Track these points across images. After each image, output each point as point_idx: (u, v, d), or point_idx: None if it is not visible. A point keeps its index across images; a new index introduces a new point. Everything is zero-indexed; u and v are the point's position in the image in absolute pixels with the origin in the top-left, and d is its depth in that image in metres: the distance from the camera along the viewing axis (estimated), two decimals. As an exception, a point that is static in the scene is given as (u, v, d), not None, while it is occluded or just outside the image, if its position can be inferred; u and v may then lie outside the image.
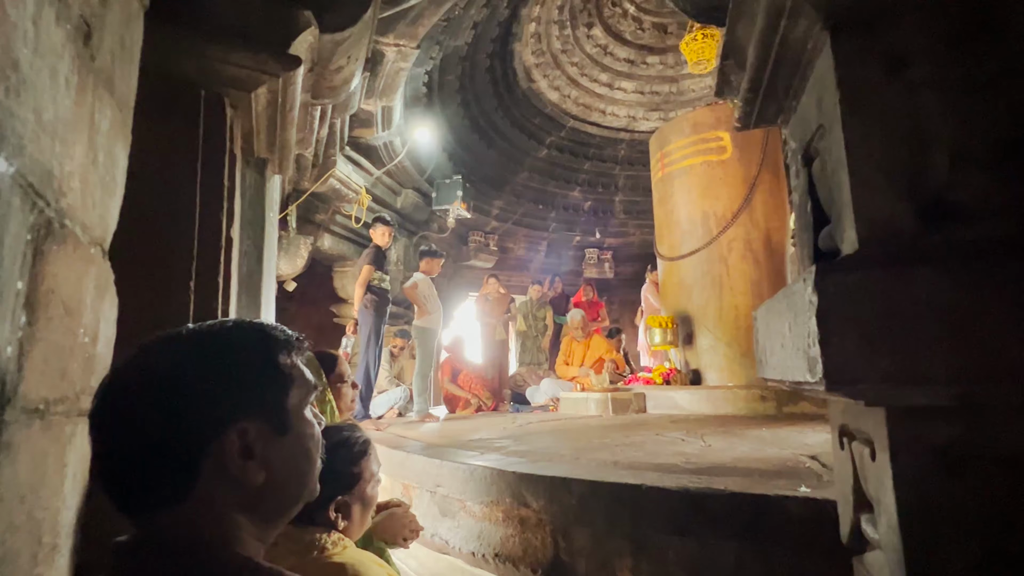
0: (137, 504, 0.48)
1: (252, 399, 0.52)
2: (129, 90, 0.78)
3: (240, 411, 0.50)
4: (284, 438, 0.53)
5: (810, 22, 0.86)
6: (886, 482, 0.74)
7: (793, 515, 1.25)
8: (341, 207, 5.17)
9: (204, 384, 0.49)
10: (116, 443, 0.47)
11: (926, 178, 0.76)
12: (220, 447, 0.49)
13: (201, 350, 0.51)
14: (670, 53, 6.93)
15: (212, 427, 0.49)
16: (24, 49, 0.47)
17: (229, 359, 0.52)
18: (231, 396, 0.50)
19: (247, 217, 1.46)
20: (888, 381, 0.69)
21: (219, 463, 0.49)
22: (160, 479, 0.47)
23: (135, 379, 0.49)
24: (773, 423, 3.01)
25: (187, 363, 0.50)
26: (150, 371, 0.49)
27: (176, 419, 0.48)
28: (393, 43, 3.53)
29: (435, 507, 2.05)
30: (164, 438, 0.47)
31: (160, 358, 0.50)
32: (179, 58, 1.14)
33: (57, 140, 0.55)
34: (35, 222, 0.51)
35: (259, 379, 0.53)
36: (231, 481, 0.49)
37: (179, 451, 0.48)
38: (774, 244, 4.29)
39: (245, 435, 0.50)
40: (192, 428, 0.48)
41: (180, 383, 0.49)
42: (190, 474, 0.48)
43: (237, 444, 0.49)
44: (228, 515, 0.49)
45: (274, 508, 0.54)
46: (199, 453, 0.48)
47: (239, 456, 0.49)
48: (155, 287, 1.03)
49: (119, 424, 0.47)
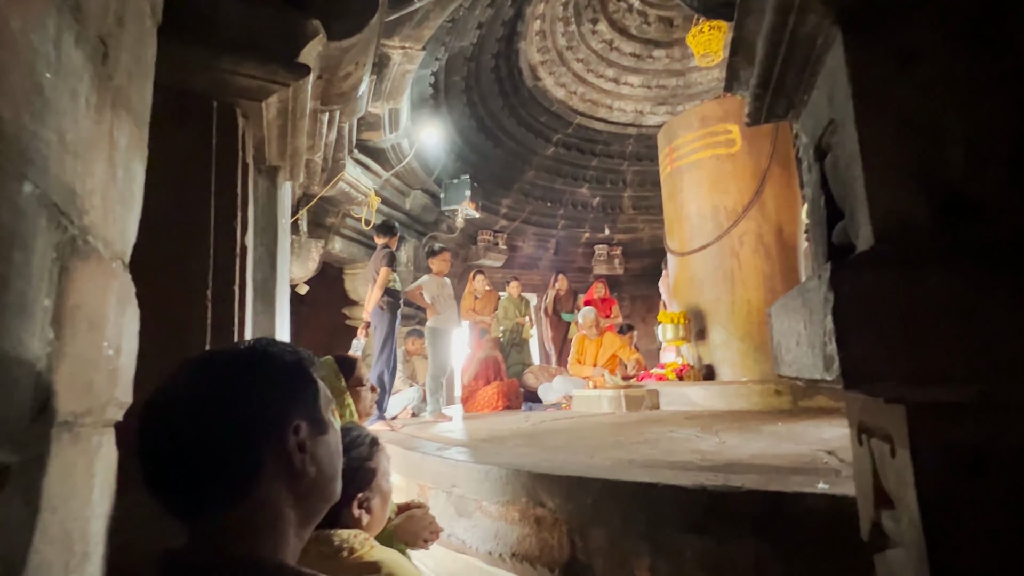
0: (203, 504, 0.51)
1: (298, 400, 0.58)
2: (145, 106, 0.79)
3: (293, 410, 0.56)
4: (323, 437, 0.59)
5: (820, 17, 0.85)
6: (907, 479, 0.74)
7: (812, 512, 1.24)
8: (351, 210, 5.21)
9: (262, 386, 0.55)
10: (183, 446, 0.51)
11: (941, 174, 0.75)
12: (281, 441, 0.54)
13: (251, 359, 0.57)
14: (676, 46, 6.88)
15: (274, 422, 0.54)
16: (46, 73, 0.48)
17: (276, 366, 0.58)
18: (284, 397, 0.56)
19: (260, 224, 1.48)
20: (907, 378, 0.68)
21: (280, 457, 0.54)
22: (230, 476, 0.51)
23: (197, 386, 0.53)
24: (788, 418, 2.98)
25: (243, 370, 0.55)
26: (211, 378, 0.54)
27: (243, 417, 0.52)
28: (399, 46, 3.54)
29: (451, 507, 2.06)
30: (234, 436, 0.52)
31: (216, 368, 0.55)
32: (191, 71, 1.16)
33: (79, 159, 0.56)
34: (60, 240, 0.53)
35: (301, 383, 0.59)
36: (288, 476, 0.54)
37: (248, 447, 0.52)
38: (786, 237, 4.24)
39: (299, 431, 0.56)
40: (258, 424, 0.53)
41: (242, 386, 0.54)
42: (257, 469, 0.52)
43: (294, 439, 0.55)
44: (283, 511, 0.54)
45: (316, 504, 0.59)
46: (265, 448, 0.53)
47: (297, 449, 0.55)
48: (173, 297, 1.04)
49: (186, 428, 0.51)
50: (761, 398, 3.55)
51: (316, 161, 2.59)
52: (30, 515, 0.48)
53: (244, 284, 1.20)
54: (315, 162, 2.70)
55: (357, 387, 1.66)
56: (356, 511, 1.02)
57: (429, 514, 1.49)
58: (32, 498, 0.49)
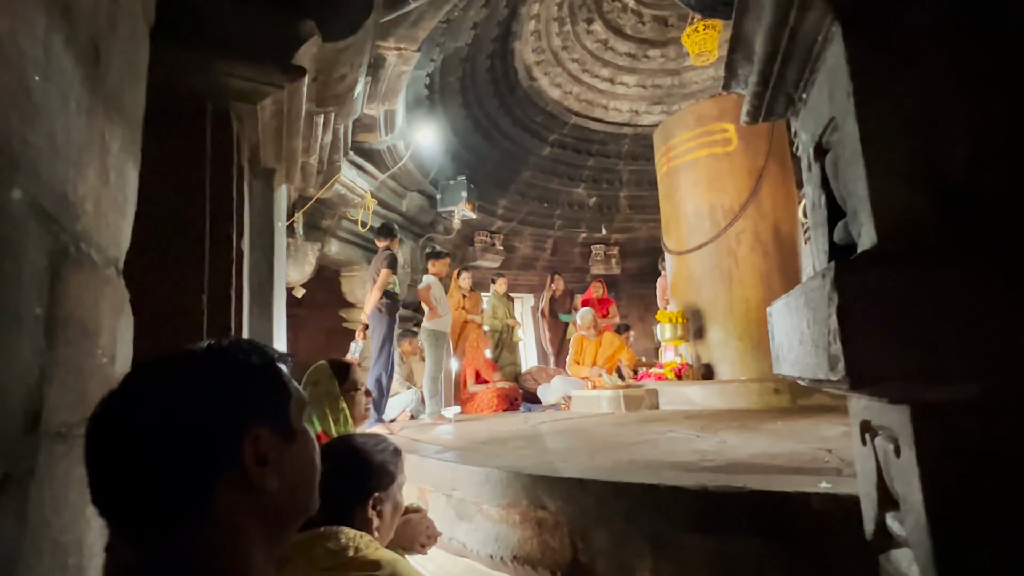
0: (151, 524, 0.46)
1: (260, 405, 0.52)
2: (138, 109, 0.78)
3: (252, 417, 0.51)
4: (291, 446, 0.54)
5: (820, 14, 0.85)
6: (912, 480, 0.73)
7: (815, 512, 1.24)
8: (347, 212, 5.18)
9: (216, 393, 0.50)
10: (127, 462, 0.46)
11: (944, 171, 0.74)
12: (236, 455, 0.49)
13: (207, 362, 0.52)
14: (671, 46, 6.88)
15: (228, 434, 0.49)
16: (36, 76, 0.47)
17: (236, 368, 0.52)
18: (242, 403, 0.51)
19: (256, 228, 1.46)
20: (913, 378, 0.67)
21: (237, 471, 0.49)
22: (180, 493, 0.47)
23: (143, 395, 0.49)
24: (788, 416, 2.98)
25: (195, 375, 0.50)
26: (158, 386, 0.49)
27: (193, 429, 0.48)
28: (394, 47, 3.53)
29: (451, 510, 2.05)
30: (182, 449, 0.47)
31: (165, 374, 0.50)
32: (185, 73, 1.15)
33: (70, 164, 0.55)
34: (51, 247, 0.51)
35: (265, 386, 0.54)
36: (248, 490, 0.49)
37: (199, 461, 0.47)
38: (783, 235, 4.25)
39: (258, 441, 0.50)
40: (210, 436, 0.48)
41: (193, 394, 0.49)
42: (210, 484, 0.47)
43: (252, 450, 0.50)
44: (244, 529, 0.49)
45: (285, 518, 0.54)
46: (217, 462, 0.48)
47: (255, 462, 0.50)
48: (168, 303, 1.03)
49: (130, 442, 0.46)
50: (760, 396, 3.56)
51: (312, 163, 2.58)
52: (22, 529, 0.47)
53: (240, 288, 1.19)
54: (311, 164, 2.69)
55: (352, 391, 1.65)
56: (370, 512, 1.01)
57: (427, 518, 1.48)
58: (24, 512, 0.47)
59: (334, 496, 0.89)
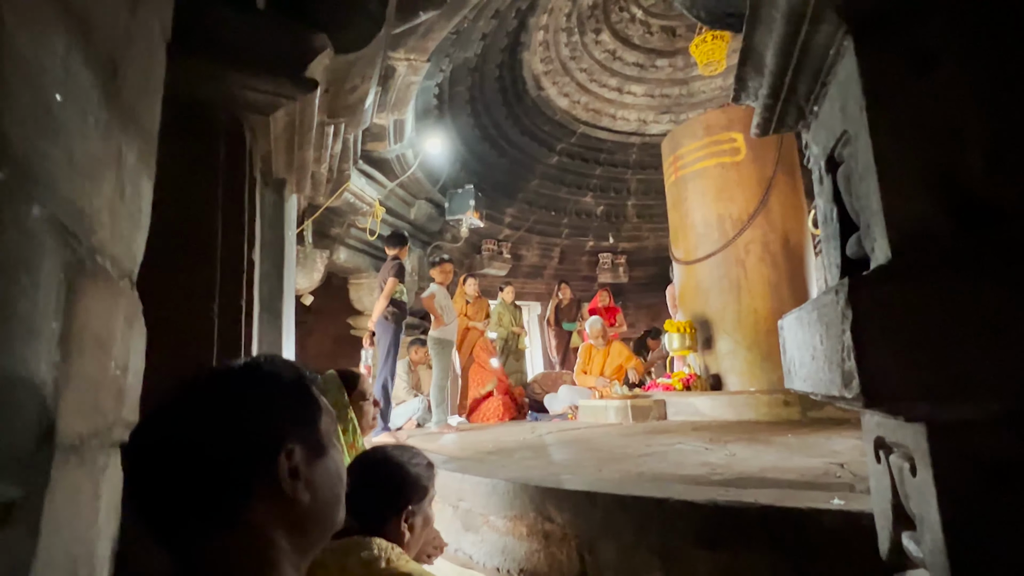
0: (191, 532, 0.49)
1: (294, 421, 0.55)
2: (153, 122, 0.79)
3: (286, 433, 0.53)
4: (322, 460, 0.56)
5: (833, 27, 0.84)
6: (930, 500, 0.71)
7: (827, 529, 1.22)
8: (355, 220, 5.22)
9: (255, 409, 0.52)
10: (171, 474, 0.49)
11: (961, 181, 0.74)
12: (272, 468, 0.51)
13: (245, 379, 0.54)
14: (679, 55, 6.91)
15: (264, 448, 0.51)
16: (55, 93, 0.48)
17: (270, 386, 0.55)
18: (277, 419, 0.54)
19: (267, 238, 1.47)
20: (929, 396, 0.66)
21: (271, 484, 0.51)
22: (215, 504, 0.49)
23: (185, 410, 0.51)
24: (798, 429, 2.94)
25: (235, 392, 0.53)
26: (199, 402, 0.52)
27: (231, 443, 0.50)
28: (404, 58, 3.57)
29: (458, 521, 2.04)
30: (223, 462, 0.49)
31: (206, 390, 0.53)
32: (199, 85, 1.16)
33: (87, 179, 0.55)
34: (68, 261, 0.52)
35: (298, 404, 0.56)
36: (280, 503, 0.51)
37: (235, 474, 0.50)
38: (792, 245, 4.22)
39: (292, 456, 0.53)
40: (246, 450, 0.51)
41: (231, 410, 0.52)
42: (245, 496, 0.50)
43: (286, 464, 0.52)
44: (274, 540, 0.51)
45: (314, 532, 0.56)
46: (253, 475, 0.50)
47: (290, 476, 0.52)
48: (179, 313, 1.04)
49: (175, 455, 0.49)
50: (769, 408, 3.52)
51: (321, 172, 2.60)
52: (34, 542, 0.47)
53: (251, 299, 1.20)
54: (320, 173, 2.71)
55: (360, 401, 1.65)
56: (403, 525, 1.02)
57: (433, 528, 1.48)
58: (36, 525, 0.47)
59: (368, 507, 0.90)
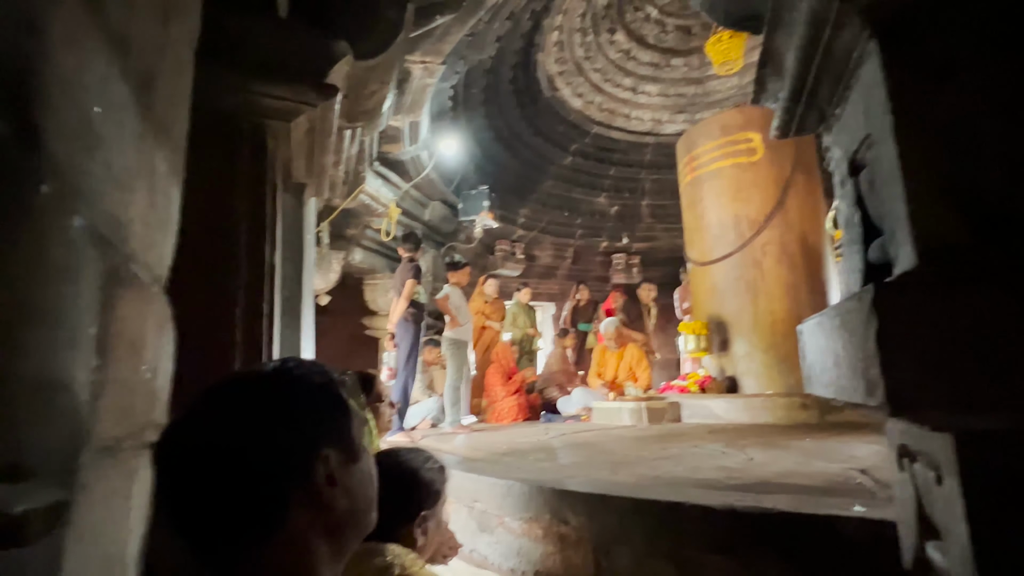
0: (229, 542, 0.48)
1: (328, 429, 0.54)
2: (182, 132, 0.81)
3: (321, 440, 0.52)
4: (356, 465, 0.56)
5: (856, 31, 0.84)
6: (956, 510, 0.70)
7: (848, 536, 1.20)
8: (371, 221, 5.26)
9: (288, 417, 0.51)
10: (208, 482, 0.48)
11: (980, 192, 0.73)
12: (308, 475, 0.50)
13: (278, 384, 0.53)
14: (694, 55, 6.85)
15: (300, 456, 0.51)
16: (96, 108, 0.49)
17: (302, 392, 0.54)
18: (312, 426, 0.53)
19: (287, 241, 1.50)
20: (957, 405, 0.66)
21: (308, 491, 0.50)
22: (254, 513, 0.48)
23: (221, 417, 0.50)
24: (816, 433, 2.90)
25: (268, 399, 0.52)
26: (232, 410, 0.51)
27: (271, 449, 0.49)
28: (420, 61, 3.59)
29: (473, 522, 2.05)
30: (261, 469, 0.48)
31: (239, 397, 0.52)
32: (222, 93, 1.19)
33: (123, 189, 0.57)
34: (105, 269, 0.54)
35: (329, 409, 0.55)
36: (317, 510, 0.51)
37: (272, 483, 0.49)
38: (810, 246, 4.16)
39: (328, 462, 0.52)
40: (283, 459, 0.50)
41: (266, 418, 0.51)
42: (283, 505, 0.49)
43: (322, 470, 0.51)
44: (313, 547, 0.50)
45: (350, 536, 0.55)
46: (290, 483, 0.50)
47: (326, 482, 0.51)
48: (203, 316, 1.06)
49: (211, 463, 0.48)
50: (787, 412, 3.47)
51: (338, 175, 2.63)
52: (74, 543, 0.49)
53: (272, 302, 1.22)
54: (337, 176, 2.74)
55: (377, 403, 1.67)
56: (416, 530, 1.02)
57: (448, 529, 1.49)
58: (77, 526, 0.49)
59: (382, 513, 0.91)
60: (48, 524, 0.36)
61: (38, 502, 0.34)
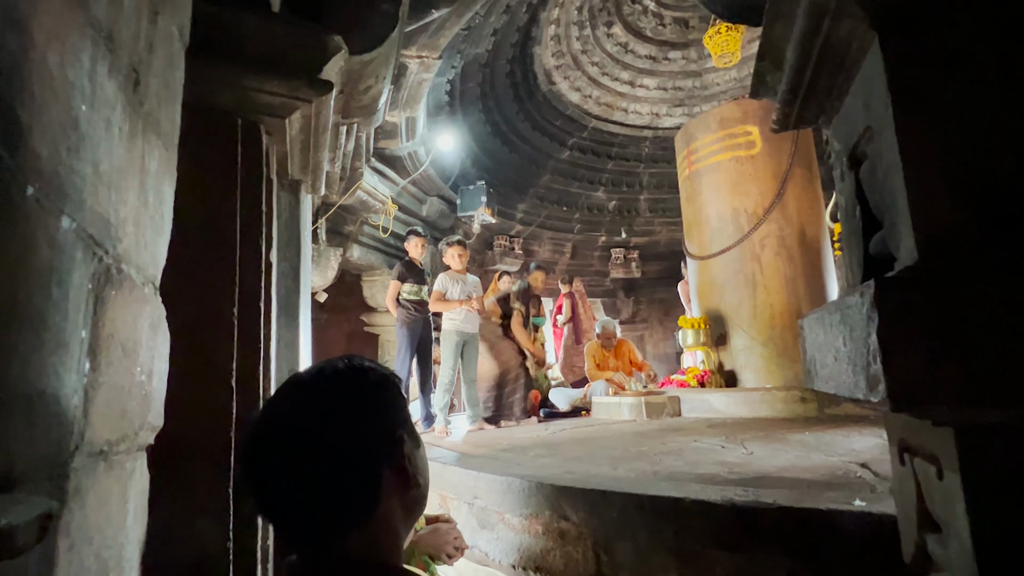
0: (332, 530, 0.50)
1: (400, 414, 0.59)
2: (173, 128, 0.80)
3: (397, 423, 0.57)
4: (420, 448, 0.60)
5: (856, 22, 0.82)
6: (957, 505, 0.70)
7: (849, 531, 1.20)
8: (368, 218, 5.25)
9: (371, 404, 0.55)
10: (305, 475, 0.50)
11: (990, 182, 0.72)
12: (396, 456, 0.54)
13: (353, 378, 0.57)
14: (692, 47, 6.82)
15: (388, 438, 0.55)
16: (82, 106, 0.48)
17: (376, 383, 0.58)
18: (390, 413, 0.57)
19: (283, 239, 1.49)
20: (958, 400, 0.65)
21: (396, 470, 0.54)
22: (356, 496, 0.51)
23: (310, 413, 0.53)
24: (816, 426, 2.91)
25: (350, 389, 0.55)
26: (322, 403, 0.53)
27: (362, 437, 0.53)
28: (416, 55, 3.56)
29: (473, 519, 2.05)
30: (355, 456, 0.52)
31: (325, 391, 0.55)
32: (216, 89, 1.17)
33: (113, 189, 0.56)
34: (95, 271, 0.53)
35: (395, 400, 0.59)
36: (402, 492, 0.55)
37: (369, 465, 0.52)
38: (809, 239, 4.16)
39: (403, 444, 0.56)
40: (374, 442, 0.54)
41: (354, 406, 0.54)
42: (378, 485, 0.52)
43: (402, 451, 0.55)
44: (396, 529, 0.55)
45: (416, 515, 0.60)
46: (382, 464, 0.53)
47: (408, 463, 0.55)
48: (199, 315, 1.05)
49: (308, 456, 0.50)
50: (786, 405, 3.48)
51: (335, 171, 2.61)
52: (67, 548, 0.48)
53: (269, 300, 1.21)
54: (333, 172, 2.72)
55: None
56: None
57: (456, 529, 1.48)
58: (69, 531, 0.48)
59: None
60: (38, 534, 0.35)
61: (27, 514, 0.33)
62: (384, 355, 6.05)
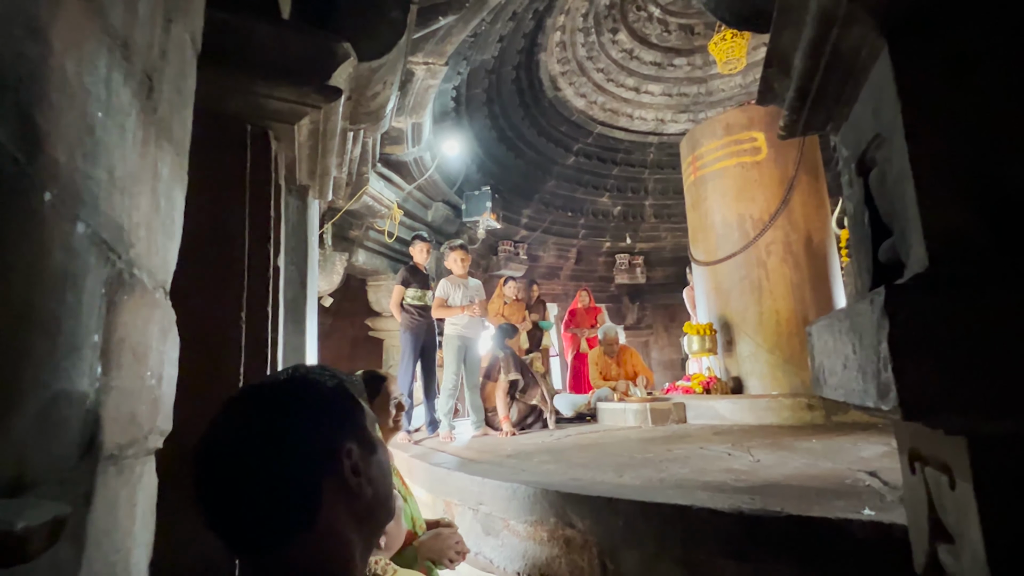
0: (269, 540, 0.51)
1: (346, 424, 0.58)
2: (185, 135, 0.80)
3: (343, 434, 0.56)
4: (375, 456, 0.60)
5: (865, 29, 0.82)
6: (970, 515, 0.69)
7: (858, 540, 1.19)
8: (374, 223, 5.27)
9: (311, 416, 0.55)
10: (241, 488, 0.51)
11: (1002, 189, 0.71)
12: (337, 467, 0.54)
13: (294, 390, 0.57)
14: (697, 54, 6.83)
15: (327, 451, 0.54)
16: (98, 112, 0.49)
17: (320, 393, 0.58)
18: (333, 422, 0.57)
19: (291, 244, 1.49)
20: (971, 409, 0.64)
21: (337, 483, 0.54)
22: (294, 508, 0.52)
23: (249, 424, 0.53)
24: (823, 434, 2.88)
25: (290, 402, 0.56)
26: (259, 417, 0.54)
27: (298, 449, 0.53)
28: (422, 62, 3.59)
29: (478, 525, 2.04)
30: (292, 469, 0.52)
31: (263, 404, 0.55)
32: (226, 95, 1.18)
33: (126, 194, 0.57)
34: (108, 276, 0.53)
35: (345, 406, 0.59)
36: (347, 500, 0.55)
37: (306, 478, 0.53)
38: (815, 246, 4.14)
39: (351, 454, 0.56)
40: (312, 454, 0.54)
41: (291, 419, 0.54)
42: (316, 498, 0.52)
43: (348, 463, 0.55)
44: (348, 537, 0.55)
45: (375, 524, 0.60)
46: (321, 476, 0.53)
47: (352, 473, 0.55)
48: (207, 320, 1.06)
49: (244, 467, 0.51)
50: (792, 412, 3.45)
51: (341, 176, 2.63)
52: (76, 553, 0.48)
53: (276, 304, 1.21)
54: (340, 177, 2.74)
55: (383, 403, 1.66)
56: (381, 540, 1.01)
57: (457, 534, 1.48)
58: (80, 536, 0.49)
59: None
60: (50, 539, 0.35)
61: (40, 518, 0.33)
62: (388, 360, 6.06)
